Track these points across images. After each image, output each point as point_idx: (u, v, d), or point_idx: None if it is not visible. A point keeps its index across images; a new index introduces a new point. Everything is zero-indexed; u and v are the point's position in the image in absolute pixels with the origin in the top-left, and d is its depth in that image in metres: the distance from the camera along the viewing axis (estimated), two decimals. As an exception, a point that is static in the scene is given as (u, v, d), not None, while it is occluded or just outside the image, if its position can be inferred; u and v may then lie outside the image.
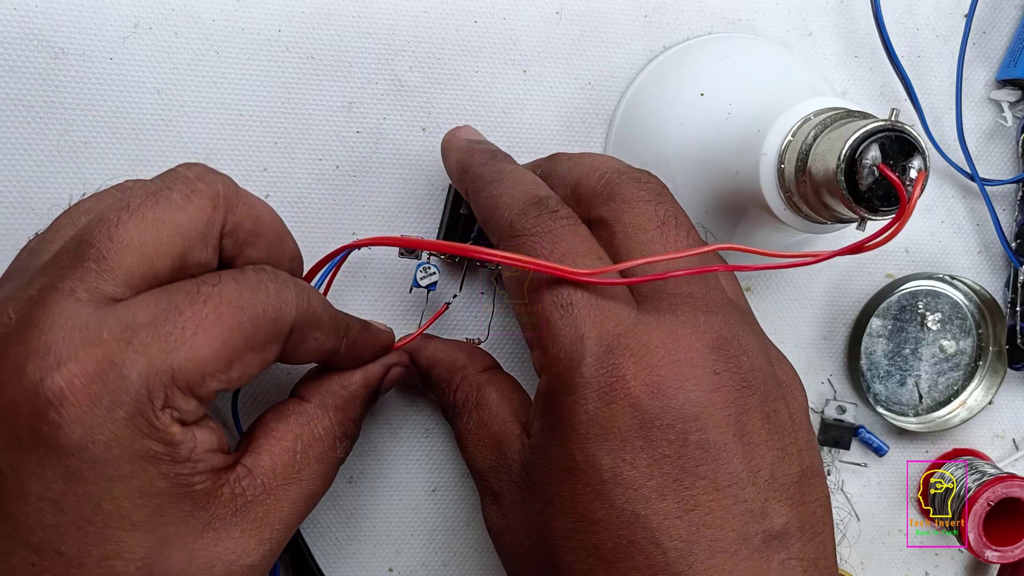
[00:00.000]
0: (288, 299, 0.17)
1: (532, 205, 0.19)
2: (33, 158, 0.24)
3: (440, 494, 0.27)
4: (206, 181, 0.17)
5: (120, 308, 0.15)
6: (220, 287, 0.16)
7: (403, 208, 0.26)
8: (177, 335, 0.15)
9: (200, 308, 0.16)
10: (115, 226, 0.16)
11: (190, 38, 0.24)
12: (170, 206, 0.17)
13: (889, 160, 0.18)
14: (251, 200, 0.19)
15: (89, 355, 0.15)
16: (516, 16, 0.26)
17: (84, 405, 0.14)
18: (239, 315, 0.16)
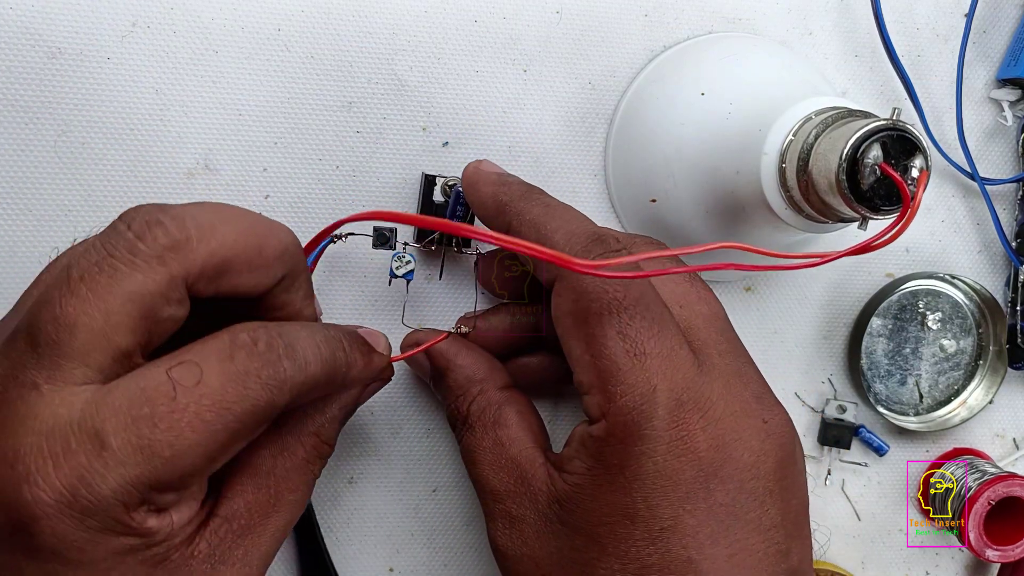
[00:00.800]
0: (282, 380, 0.16)
1: (595, 242, 0.19)
2: (30, 159, 0.24)
3: (440, 494, 0.27)
4: (147, 238, 0.15)
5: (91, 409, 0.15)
6: (200, 388, 0.15)
7: (403, 208, 0.26)
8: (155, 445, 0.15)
9: (179, 414, 0.15)
10: (58, 306, 0.15)
11: (189, 37, 0.24)
12: (114, 275, 0.15)
13: (891, 159, 0.18)
14: (208, 230, 0.16)
15: (58, 470, 0.14)
16: (516, 16, 0.26)
17: (55, 518, 0.14)
18: (224, 416, 0.15)
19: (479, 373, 0.22)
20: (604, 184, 0.27)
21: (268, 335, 0.16)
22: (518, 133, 0.27)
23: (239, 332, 0.16)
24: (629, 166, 0.26)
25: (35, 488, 0.14)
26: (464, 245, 0.25)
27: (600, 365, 0.19)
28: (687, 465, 0.18)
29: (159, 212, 0.16)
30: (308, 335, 0.17)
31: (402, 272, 0.24)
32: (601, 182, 0.27)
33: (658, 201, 0.25)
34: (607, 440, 0.18)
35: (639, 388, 0.18)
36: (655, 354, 0.18)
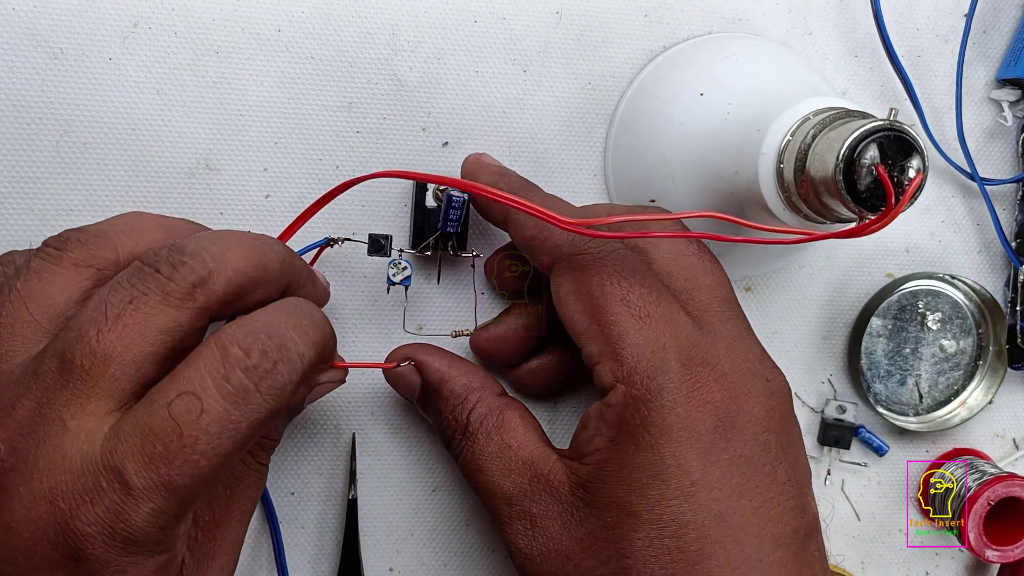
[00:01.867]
0: (282, 385, 0.17)
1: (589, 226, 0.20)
2: (32, 159, 0.24)
3: (440, 494, 0.27)
4: (177, 277, 0.17)
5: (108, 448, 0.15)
6: (204, 417, 0.15)
7: (403, 208, 0.26)
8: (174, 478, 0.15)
9: (190, 449, 0.15)
10: (95, 340, 0.16)
11: (190, 38, 0.24)
12: (149, 311, 0.16)
13: (888, 160, 0.18)
14: (223, 262, 0.17)
15: (96, 507, 0.15)
16: (516, 16, 0.26)
17: (102, 548, 0.15)
18: (234, 435, 0.16)
19: (475, 382, 0.22)
20: (603, 184, 0.27)
21: (258, 342, 0.16)
22: (518, 133, 0.27)
23: (228, 346, 0.16)
24: (628, 166, 0.26)
25: (79, 523, 0.15)
26: (460, 249, 0.25)
27: (608, 332, 0.19)
28: (707, 415, 0.18)
29: (178, 252, 0.17)
30: (295, 323, 0.18)
31: (399, 279, 0.24)
32: (600, 182, 0.27)
33: (657, 201, 0.25)
34: (625, 404, 0.19)
35: (649, 346, 0.19)
36: (658, 315, 0.19)
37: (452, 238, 0.25)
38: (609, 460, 0.19)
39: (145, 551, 0.16)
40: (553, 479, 0.20)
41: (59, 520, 0.15)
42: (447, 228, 0.24)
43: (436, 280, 0.26)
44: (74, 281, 0.17)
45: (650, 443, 0.18)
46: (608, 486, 0.19)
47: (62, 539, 0.15)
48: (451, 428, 0.22)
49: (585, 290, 0.20)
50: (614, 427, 0.19)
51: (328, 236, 0.25)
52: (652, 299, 0.19)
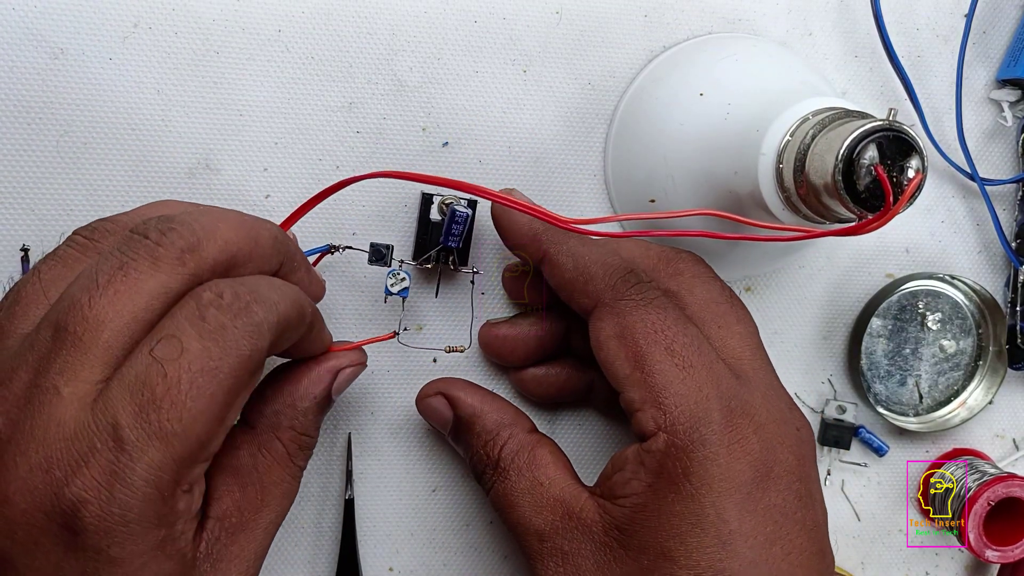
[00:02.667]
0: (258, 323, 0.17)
1: (630, 273, 0.21)
2: (33, 159, 0.24)
3: (440, 494, 0.27)
4: (167, 241, 0.17)
5: (100, 407, 0.15)
6: (185, 356, 0.15)
7: (403, 208, 0.26)
8: (165, 425, 0.15)
9: (176, 391, 0.15)
10: (87, 307, 0.16)
11: (190, 38, 0.24)
12: (139, 275, 0.16)
13: (887, 160, 0.18)
14: (212, 231, 0.17)
15: (91, 470, 0.15)
16: (516, 16, 0.26)
17: (98, 516, 0.15)
18: (217, 377, 0.16)
19: (507, 418, 0.22)
20: (603, 184, 0.27)
21: (231, 287, 0.17)
22: (518, 133, 0.27)
23: (202, 292, 0.17)
24: (628, 166, 0.26)
25: (75, 489, 0.15)
26: (461, 264, 0.25)
27: (652, 380, 0.20)
28: (746, 466, 0.19)
29: (167, 220, 0.17)
30: (267, 282, 0.18)
31: (397, 289, 0.24)
32: (600, 182, 0.27)
33: (657, 201, 0.25)
34: (667, 452, 0.19)
35: (693, 396, 0.19)
36: (700, 365, 0.20)
37: (453, 252, 0.25)
38: (647, 505, 0.19)
39: (144, 520, 0.15)
40: (585, 517, 0.20)
41: (55, 489, 0.15)
42: (449, 242, 0.24)
43: (435, 294, 0.26)
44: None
45: (691, 492, 0.19)
46: (646, 530, 0.19)
47: (58, 509, 0.15)
48: (482, 463, 0.22)
49: (628, 336, 0.20)
50: (654, 473, 0.19)
51: (330, 243, 0.25)
52: (694, 349, 0.20)
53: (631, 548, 0.19)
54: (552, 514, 0.21)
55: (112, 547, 0.15)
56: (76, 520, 0.15)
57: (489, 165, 0.27)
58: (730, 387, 0.20)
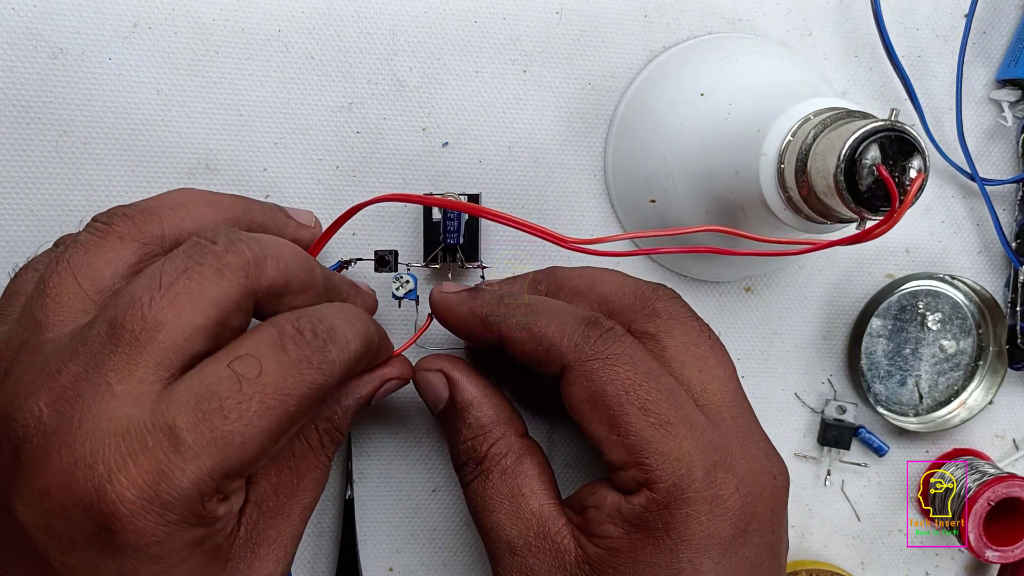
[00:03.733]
0: (331, 362, 0.17)
1: (588, 326, 0.20)
2: (32, 159, 0.24)
3: (440, 494, 0.27)
4: (234, 251, 0.17)
5: (159, 407, 0.15)
6: (262, 379, 0.16)
7: (403, 208, 0.26)
8: (227, 436, 0.15)
9: (245, 406, 0.16)
10: (147, 307, 0.16)
11: (190, 38, 0.24)
12: (203, 281, 0.16)
13: (889, 160, 0.18)
14: (276, 252, 0.18)
15: (138, 467, 0.15)
16: (516, 16, 0.26)
17: (138, 515, 0.15)
18: (285, 401, 0.16)
19: (503, 416, 0.22)
20: (603, 184, 0.27)
21: (311, 323, 0.17)
22: (518, 133, 0.27)
23: (284, 323, 0.17)
24: (629, 166, 0.26)
25: (117, 486, 0.15)
26: (469, 260, 0.25)
27: (629, 442, 0.19)
28: (726, 523, 0.19)
29: (235, 232, 0.18)
30: (342, 316, 0.18)
31: (402, 293, 0.24)
32: (600, 182, 0.27)
33: (657, 201, 0.25)
34: (648, 508, 0.19)
35: (673, 454, 0.19)
36: (678, 421, 0.19)
37: (459, 249, 0.25)
38: (622, 551, 0.19)
39: (183, 522, 0.15)
40: (560, 543, 0.20)
41: (96, 484, 0.15)
42: (448, 240, 0.24)
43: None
44: (120, 254, 0.18)
45: (669, 547, 0.19)
46: (618, 574, 0.19)
47: (97, 507, 0.15)
48: (466, 455, 0.22)
49: (599, 400, 0.20)
50: (632, 524, 0.19)
51: (341, 259, 0.25)
52: (669, 404, 0.19)
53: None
54: (527, 528, 0.20)
55: (151, 546, 0.15)
56: (116, 519, 0.15)
57: (489, 165, 0.27)
58: (711, 440, 0.20)
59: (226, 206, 0.20)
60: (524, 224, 0.19)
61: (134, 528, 0.15)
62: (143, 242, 0.18)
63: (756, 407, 0.23)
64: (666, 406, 0.19)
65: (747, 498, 0.20)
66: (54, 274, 0.17)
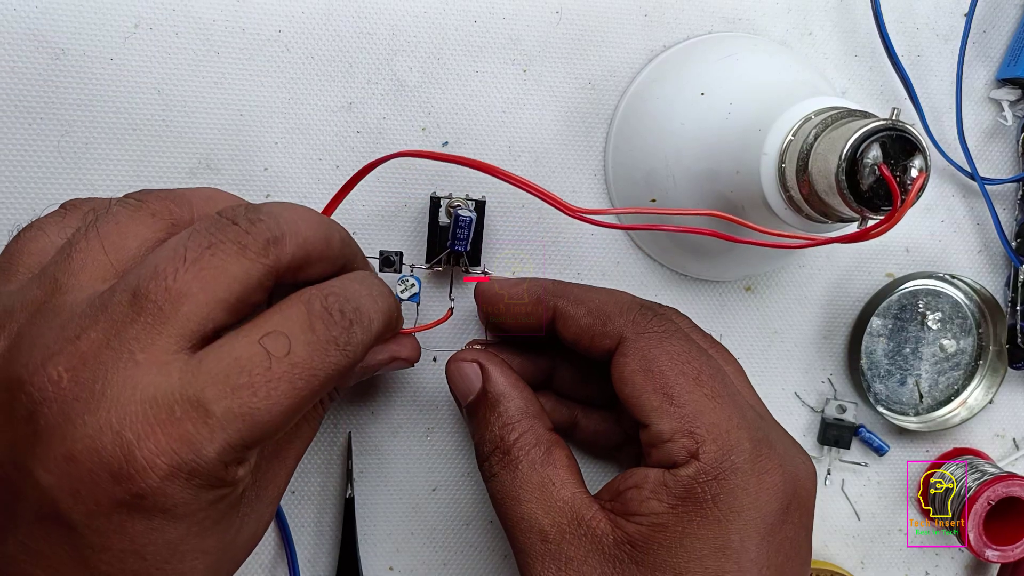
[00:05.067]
0: (356, 343, 0.18)
1: (645, 308, 0.22)
2: (34, 159, 0.24)
3: (440, 493, 0.27)
4: (254, 231, 0.17)
5: (188, 378, 0.15)
6: (291, 358, 0.16)
7: (403, 207, 0.26)
8: (254, 412, 0.16)
9: (274, 385, 0.16)
10: (172, 279, 0.16)
11: (191, 38, 0.24)
12: (226, 258, 0.17)
13: (890, 159, 0.18)
14: (295, 228, 0.18)
15: (167, 435, 0.15)
16: (516, 16, 0.26)
17: (166, 480, 0.15)
18: (311, 381, 0.16)
19: (532, 409, 0.22)
20: (604, 184, 0.27)
21: (339, 302, 0.18)
22: (518, 133, 0.27)
23: (312, 301, 0.17)
24: (629, 166, 0.26)
25: (147, 453, 0.15)
26: (472, 265, 0.25)
27: (683, 411, 0.20)
28: (773, 498, 0.20)
29: (255, 211, 0.18)
30: (367, 292, 0.19)
31: (407, 295, 0.24)
32: (601, 182, 0.27)
33: (658, 201, 0.25)
34: (697, 478, 0.19)
35: (723, 425, 0.20)
36: (726, 395, 0.20)
37: (463, 255, 0.25)
38: (668, 525, 0.19)
39: (208, 486, 0.16)
40: (596, 527, 0.20)
41: (124, 450, 0.15)
42: (455, 246, 0.24)
43: (449, 296, 0.26)
44: (149, 229, 0.18)
45: (717, 518, 0.19)
46: (663, 549, 0.19)
47: (125, 471, 0.15)
48: (493, 445, 0.22)
49: (655, 369, 0.20)
50: (679, 497, 0.19)
51: None
52: (719, 380, 0.20)
53: (644, 565, 0.19)
54: (561, 517, 0.20)
55: (177, 507, 0.16)
56: (143, 483, 0.15)
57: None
58: (754, 419, 0.20)
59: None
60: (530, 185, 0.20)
61: (162, 493, 0.15)
62: (172, 222, 0.18)
63: (756, 406, 0.24)
64: (717, 381, 0.20)
65: (788, 477, 0.20)
66: (82, 239, 0.17)
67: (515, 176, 0.20)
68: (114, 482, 0.15)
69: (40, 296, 0.17)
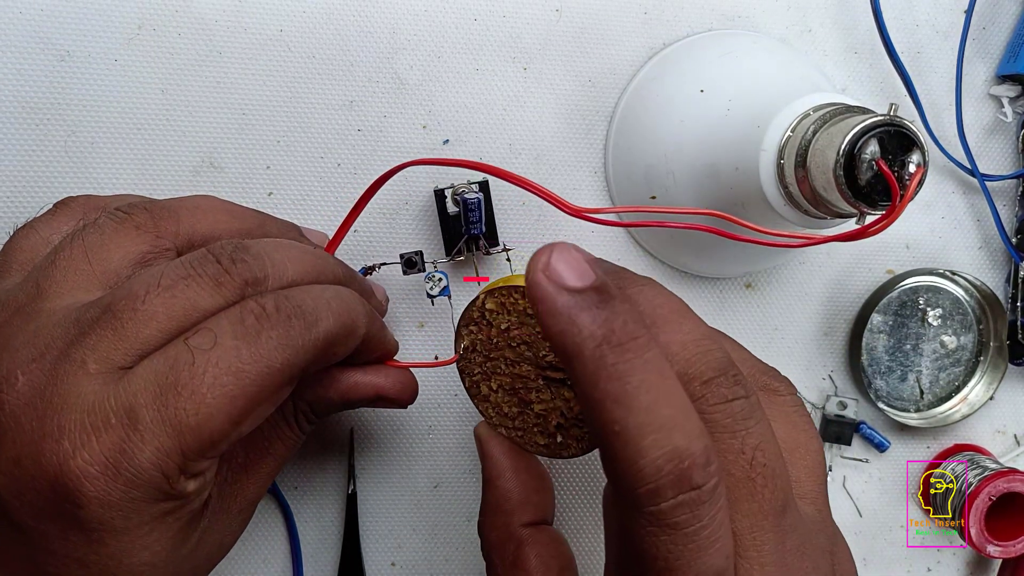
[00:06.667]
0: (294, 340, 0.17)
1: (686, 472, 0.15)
2: (40, 159, 0.24)
3: (442, 490, 0.27)
4: (234, 271, 0.17)
5: (123, 386, 0.15)
6: (216, 351, 0.16)
7: (404, 205, 0.26)
8: (180, 414, 0.15)
9: (199, 382, 0.15)
10: (141, 300, 0.16)
11: (193, 39, 0.24)
12: (199, 290, 0.17)
13: (888, 155, 0.18)
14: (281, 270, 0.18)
15: (100, 443, 0.15)
16: (516, 14, 0.26)
17: (101, 491, 0.15)
18: (241, 380, 0.16)
19: (508, 502, 0.20)
20: (604, 181, 0.28)
21: (276, 299, 0.17)
22: (518, 131, 0.27)
23: (248, 300, 0.17)
24: (629, 163, 0.27)
25: (80, 462, 0.15)
26: (492, 245, 0.25)
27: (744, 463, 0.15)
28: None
29: (242, 250, 0.18)
30: (316, 295, 0.18)
31: (436, 292, 0.24)
32: (601, 179, 0.28)
33: (658, 198, 0.25)
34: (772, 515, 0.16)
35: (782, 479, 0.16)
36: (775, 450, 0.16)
37: (479, 237, 0.25)
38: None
39: (148, 498, 0.15)
40: None
41: (60, 459, 0.15)
42: (472, 230, 0.24)
43: (476, 281, 0.26)
44: (133, 242, 0.18)
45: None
46: None
47: (61, 481, 0.15)
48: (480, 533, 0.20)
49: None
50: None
51: (364, 265, 0.25)
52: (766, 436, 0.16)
53: None
54: None
55: (116, 519, 0.15)
56: (78, 494, 0.15)
57: (489, 162, 0.27)
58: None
59: (243, 217, 0.20)
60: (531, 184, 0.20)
61: (98, 503, 0.15)
62: (157, 235, 0.18)
63: (756, 402, 0.23)
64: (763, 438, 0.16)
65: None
66: (67, 248, 0.18)
67: (516, 176, 0.20)
68: (51, 490, 0.15)
69: (22, 299, 0.17)
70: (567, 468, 0.28)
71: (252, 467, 0.19)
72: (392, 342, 0.21)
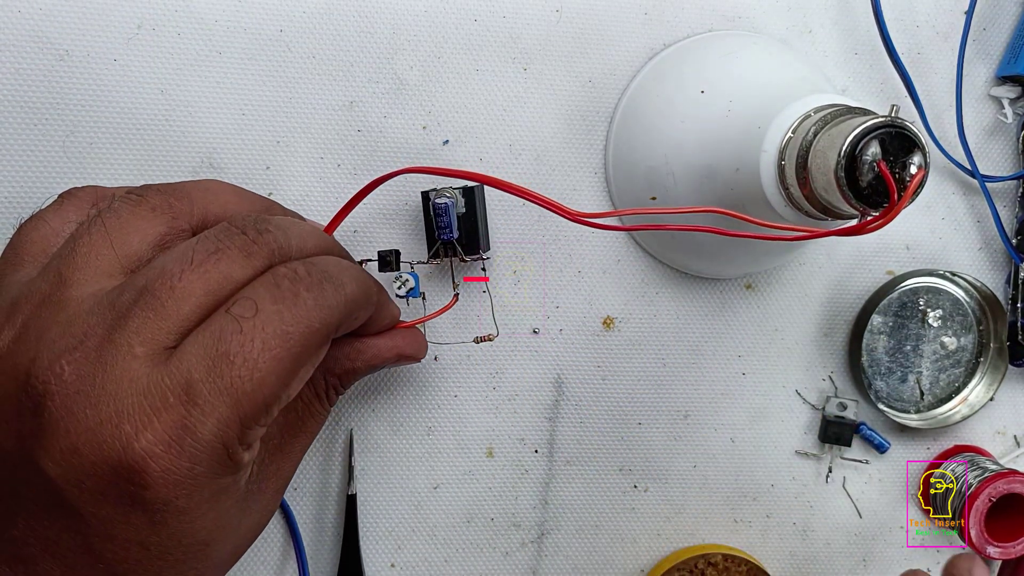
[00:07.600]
0: (328, 301, 0.18)
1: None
2: (40, 159, 0.24)
3: (441, 491, 0.27)
4: (261, 241, 0.18)
5: (174, 364, 0.16)
6: (260, 317, 0.16)
7: (403, 206, 0.26)
8: (236, 382, 0.16)
9: (250, 348, 0.16)
10: (177, 278, 0.16)
11: (193, 39, 0.24)
12: (231, 263, 0.17)
13: (889, 156, 0.18)
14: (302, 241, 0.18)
15: (162, 423, 0.15)
16: (516, 14, 0.26)
17: (166, 470, 0.16)
18: (287, 342, 0.16)
19: None
20: (604, 182, 0.28)
21: (304, 265, 0.18)
22: (518, 131, 0.27)
23: (278, 267, 0.18)
24: (629, 164, 0.27)
25: (144, 442, 0.15)
26: (469, 253, 0.25)
27: None
28: None
29: (264, 221, 0.18)
30: (335, 262, 0.19)
31: (403, 292, 0.24)
32: (601, 179, 0.28)
33: (658, 198, 0.25)
34: None
35: None
36: None
37: (456, 244, 0.25)
38: None
39: (210, 473, 0.16)
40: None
41: (123, 443, 0.15)
42: (442, 236, 0.24)
43: (452, 286, 0.26)
44: (151, 224, 0.18)
45: None
46: None
47: (125, 463, 0.15)
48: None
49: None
50: None
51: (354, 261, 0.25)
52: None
53: None
54: None
55: (180, 498, 0.16)
56: (144, 475, 0.15)
57: (490, 163, 0.27)
58: None
59: (251, 199, 0.21)
60: (530, 194, 0.20)
61: (163, 482, 0.15)
62: (172, 216, 0.19)
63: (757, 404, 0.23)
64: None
65: None
66: (87, 234, 0.18)
67: (515, 186, 0.20)
68: (115, 474, 0.15)
69: (46, 289, 0.17)
70: (569, 476, 0.28)
71: (287, 446, 0.20)
72: (396, 309, 0.22)
